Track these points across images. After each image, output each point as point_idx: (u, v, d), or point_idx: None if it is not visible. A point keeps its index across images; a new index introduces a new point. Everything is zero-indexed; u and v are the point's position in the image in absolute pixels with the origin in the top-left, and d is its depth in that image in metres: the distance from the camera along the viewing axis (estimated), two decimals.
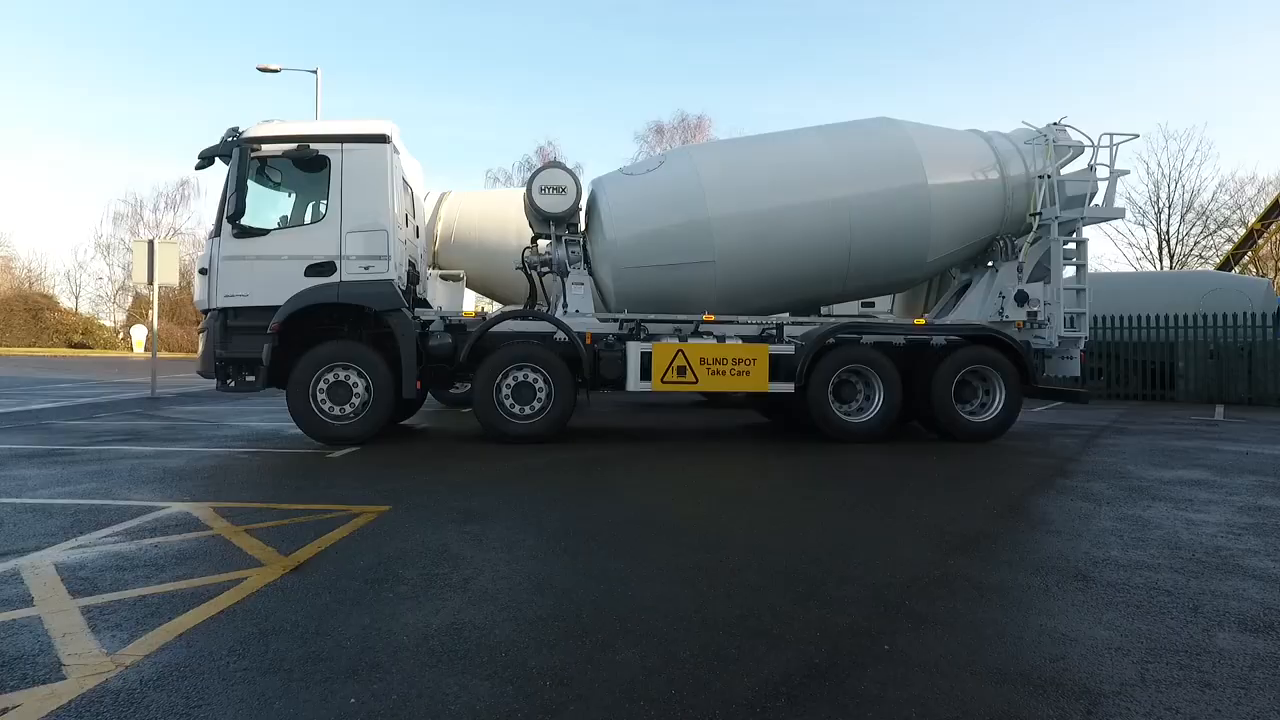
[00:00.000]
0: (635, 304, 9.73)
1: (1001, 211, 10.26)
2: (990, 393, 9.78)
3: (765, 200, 9.60)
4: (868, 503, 5.91)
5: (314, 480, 6.64)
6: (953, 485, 6.69)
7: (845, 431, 9.34)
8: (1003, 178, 10.20)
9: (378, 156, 9.01)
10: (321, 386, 8.80)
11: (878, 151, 9.91)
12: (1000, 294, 10.28)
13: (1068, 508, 5.71)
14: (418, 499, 5.80)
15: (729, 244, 9.47)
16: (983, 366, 9.64)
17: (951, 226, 9.99)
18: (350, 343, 8.95)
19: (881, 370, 9.41)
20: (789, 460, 8.04)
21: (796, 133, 10.35)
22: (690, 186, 9.58)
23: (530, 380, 9.08)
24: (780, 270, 9.74)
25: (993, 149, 10.32)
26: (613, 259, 9.59)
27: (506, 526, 4.95)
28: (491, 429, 9.03)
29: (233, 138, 8.92)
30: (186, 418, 11.87)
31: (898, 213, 9.72)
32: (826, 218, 9.64)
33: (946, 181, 9.88)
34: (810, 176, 9.74)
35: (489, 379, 9.01)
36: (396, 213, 9.11)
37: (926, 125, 10.40)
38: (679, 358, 9.15)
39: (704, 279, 9.59)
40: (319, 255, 8.86)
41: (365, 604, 3.47)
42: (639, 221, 9.58)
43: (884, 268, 10.06)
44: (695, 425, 11.47)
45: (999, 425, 9.64)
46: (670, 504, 5.83)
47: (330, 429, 8.80)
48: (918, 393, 9.66)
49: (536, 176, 9.65)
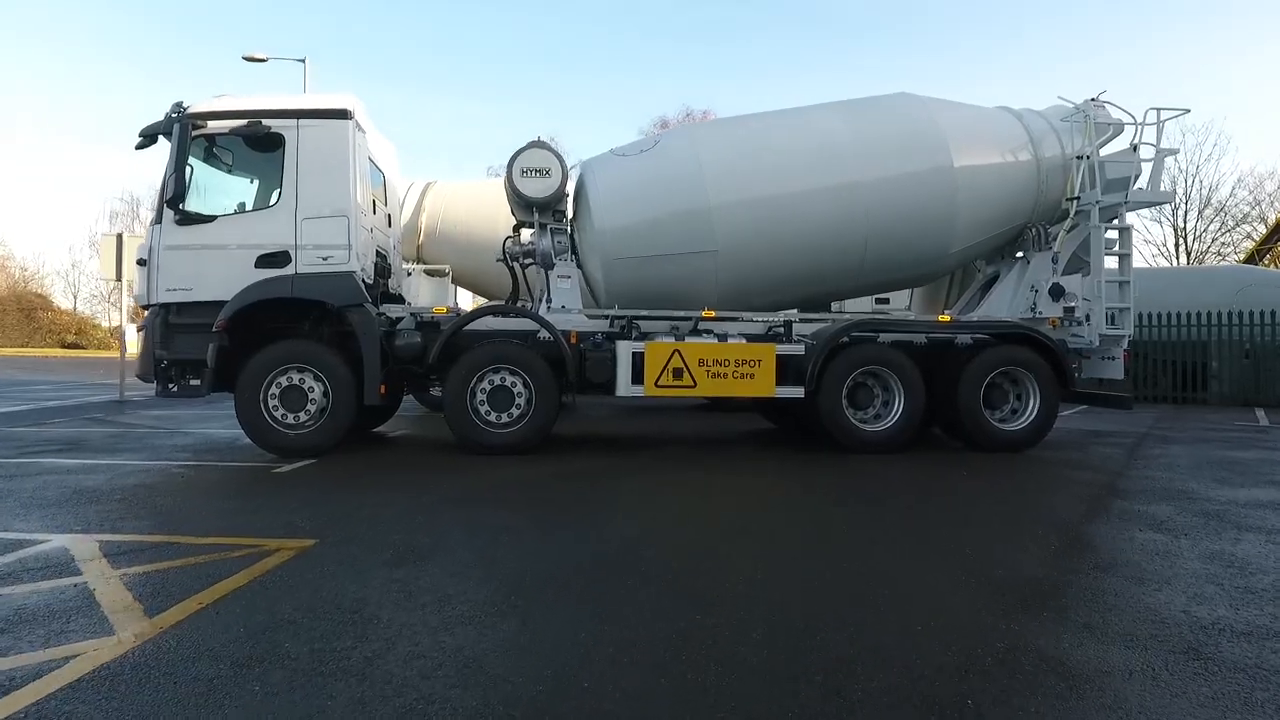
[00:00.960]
0: (627, 299, 8.75)
1: (1034, 197, 9.25)
2: (1023, 397, 8.76)
3: (772, 185, 8.60)
4: (896, 532, 4.92)
5: (244, 503, 5.68)
6: (993, 508, 5.69)
7: (861, 441, 8.35)
8: (1036, 159, 9.19)
9: (338, 134, 8.06)
10: (273, 392, 7.85)
11: (898, 131, 8.91)
12: (1032, 288, 9.28)
13: (1139, 542, 4.71)
14: (355, 529, 4.84)
15: (731, 233, 8.49)
16: (1014, 368, 8.63)
17: (979, 213, 8.98)
18: (306, 342, 8.00)
19: (901, 373, 8.41)
20: (799, 476, 7.05)
21: (807, 110, 9.36)
22: (689, 169, 8.60)
23: (508, 384, 8.11)
24: (788, 262, 8.75)
25: (1025, 127, 9.32)
26: (602, 250, 8.61)
27: (449, 570, 3.98)
28: (465, 438, 8.07)
29: (176, 113, 7.98)
30: (143, 424, 10.94)
31: (920, 198, 8.72)
32: (840, 204, 8.65)
33: (974, 164, 8.88)
34: (823, 159, 8.74)
35: (462, 383, 8.04)
36: (360, 197, 8.16)
37: (951, 101, 9.40)
38: (675, 358, 8.17)
39: (703, 272, 8.60)
40: (271, 244, 7.91)
41: (210, 709, 2.50)
42: (631, 208, 8.60)
43: (904, 260, 9.06)
44: (694, 432, 10.48)
45: (1033, 434, 8.63)
46: (658, 535, 4.85)
47: (284, 439, 7.85)
48: (941, 397, 8.66)
49: (517, 158, 8.67)
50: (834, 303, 10.13)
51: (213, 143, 8.21)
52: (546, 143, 8.80)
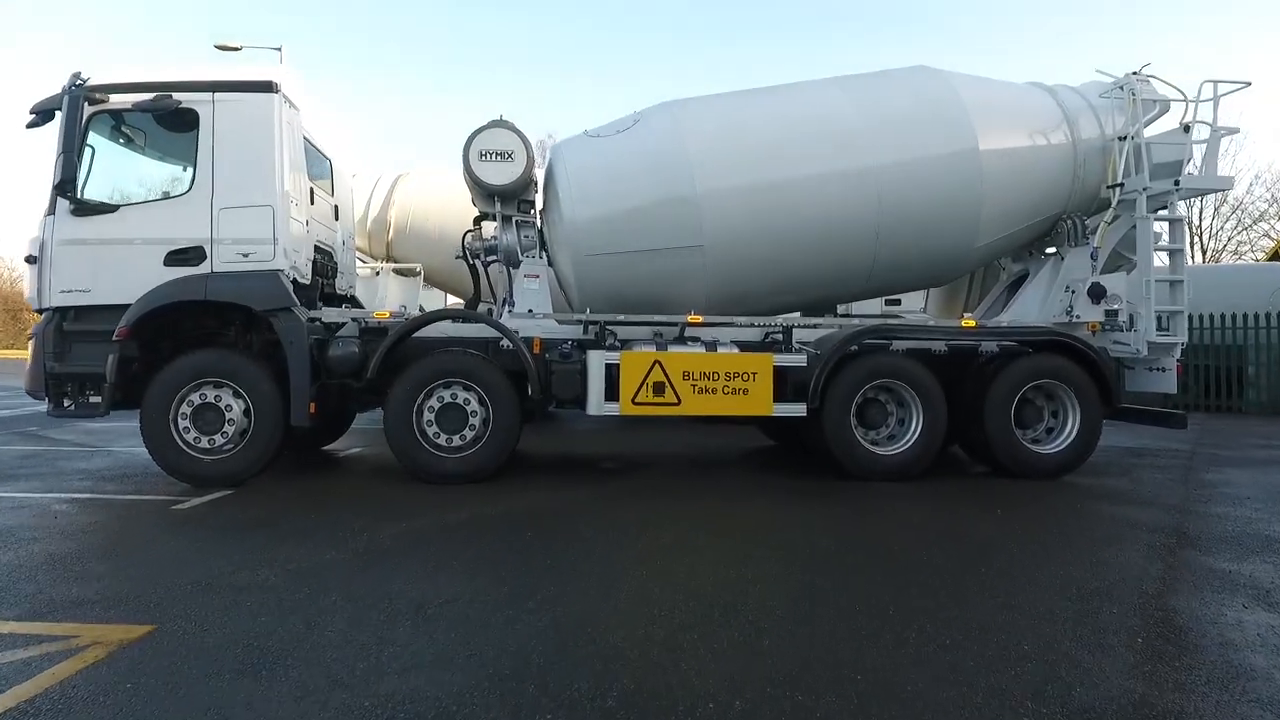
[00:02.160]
0: (603, 302, 7.60)
1: (1070, 183, 8.07)
2: (1060, 415, 7.58)
3: (769, 169, 7.44)
4: (925, 619, 3.74)
5: (100, 561, 4.53)
6: (1044, 572, 4.52)
7: (873, 467, 7.18)
8: (1072, 141, 8.01)
9: (260, 110, 6.91)
10: (184, 411, 6.71)
11: (915, 108, 7.73)
12: (1068, 288, 8.10)
13: (1251, 628, 3.54)
14: (215, 606, 3.69)
15: (721, 225, 7.32)
16: (1050, 382, 7.45)
17: (1008, 203, 7.80)
18: (223, 353, 6.85)
19: (920, 387, 7.24)
20: (800, 519, 5.88)
21: (810, 85, 8.18)
22: (672, 151, 7.43)
23: (461, 401, 6.95)
24: (787, 260, 7.58)
25: (1059, 105, 8.13)
26: (573, 244, 7.45)
27: (302, 688, 2.83)
28: (410, 464, 6.92)
29: (72, 86, 6.84)
30: (70, 440, 9.82)
31: (940, 186, 7.55)
32: (848, 192, 7.48)
33: (1002, 146, 7.69)
34: (828, 140, 7.57)
35: (406, 399, 6.89)
36: (290, 184, 7.01)
37: (975, 76, 8.22)
38: (656, 371, 7.01)
39: (689, 270, 7.44)
40: (183, 238, 6.78)
41: None
42: (606, 196, 7.44)
43: (921, 257, 7.88)
44: (678, 452, 9.31)
45: (1071, 458, 7.44)
46: (612, 623, 3.70)
47: (197, 466, 6.71)
48: (964, 414, 7.49)
49: (475, 139, 7.51)
50: (839, 306, 8.96)
51: (120, 121, 7.09)
52: (509, 122, 7.64)
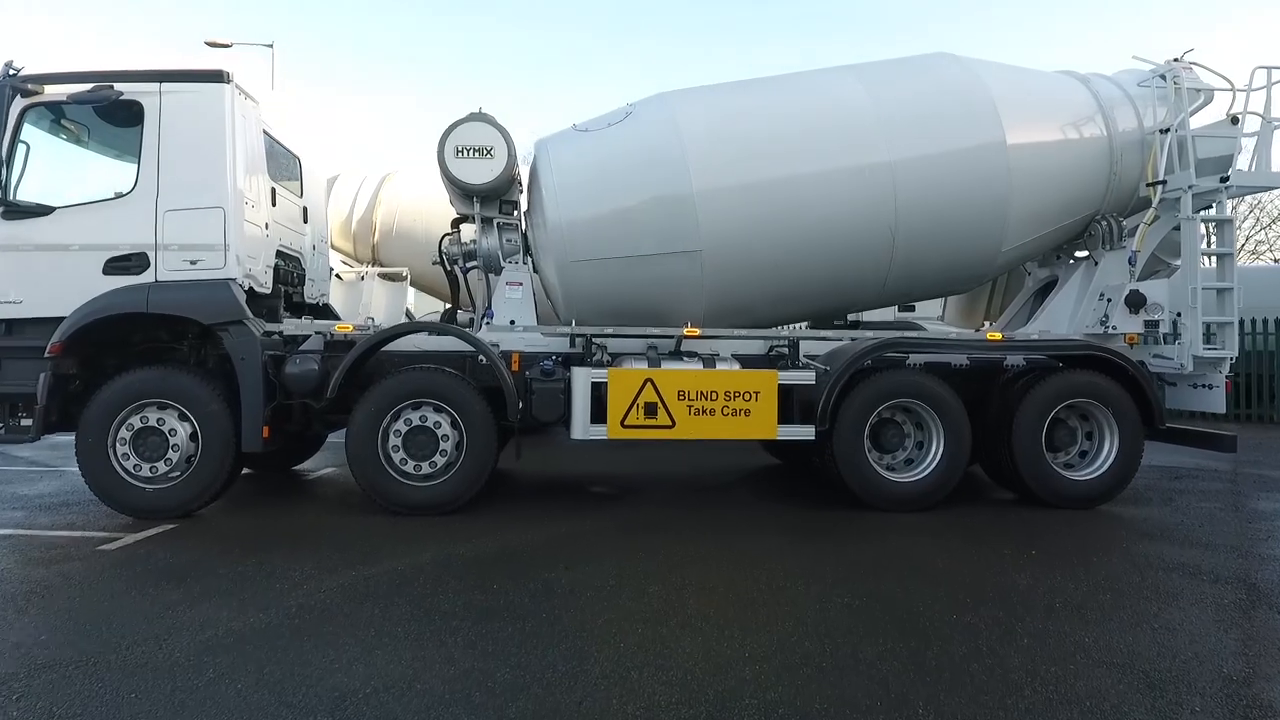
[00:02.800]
0: (591, 312, 6.93)
1: (1106, 180, 7.34)
2: (1095, 437, 6.86)
3: (774, 166, 6.74)
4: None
5: None
6: (1101, 641, 3.81)
7: (888, 496, 6.47)
8: (1108, 134, 7.28)
9: (210, 102, 6.25)
10: (123, 436, 6.06)
11: (936, 98, 7.01)
12: (1102, 296, 7.37)
13: None
14: (69, 705, 3.02)
15: (720, 227, 6.63)
16: (1085, 401, 6.73)
17: (1038, 202, 7.08)
18: (168, 371, 6.18)
19: (940, 407, 6.53)
20: (808, 567, 5.18)
21: (820, 73, 7.47)
22: (667, 147, 6.74)
23: (431, 424, 6.27)
24: (794, 266, 6.87)
25: (1093, 95, 7.40)
26: (558, 248, 6.77)
27: None
28: (375, 493, 6.25)
29: (4, 76, 6.20)
30: (21, 459, 9.21)
31: (963, 183, 6.84)
32: (861, 191, 6.77)
33: (1032, 140, 6.97)
34: (839, 133, 6.87)
35: (370, 422, 6.21)
36: (245, 183, 6.36)
37: (1001, 63, 7.49)
38: (647, 390, 6.32)
39: (686, 277, 6.74)
40: (125, 244, 6.14)
41: None
42: (594, 195, 6.76)
43: (941, 261, 7.16)
44: (674, 473, 8.61)
45: (1109, 486, 6.71)
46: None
47: (139, 497, 6.07)
48: (989, 434, 6.78)
49: (451, 134, 6.84)
50: (849, 314, 8.26)
51: (60, 114, 6.44)
52: (489, 115, 6.96)
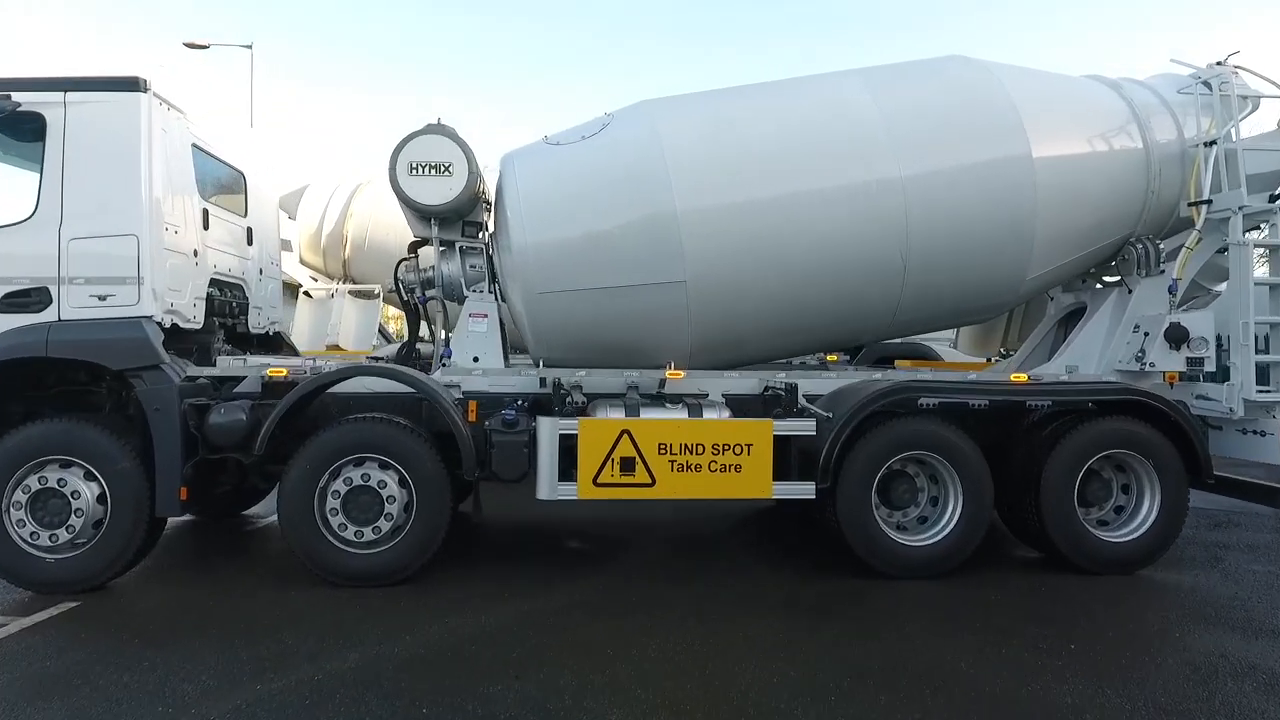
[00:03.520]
0: (562, 348, 6.14)
1: (1143, 199, 6.54)
2: (1133, 491, 6.04)
3: (767, 183, 5.95)
4: None
5: None
6: None
7: (899, 561, 5.67)
8: (1145, 146, 6.48)
9: (125, 115, 5.45)
10: (18, 499, 5.26)
11: (952, 107, 6.21)
12: (1137, 328, 6.53)
13: None
14: None
15: (708, 254, 5.83)
16: (1122, 451, 5.92)
17: (1068, 223, 6.28)
18: (72, 425, 5.36)
19: (958, 459, 5.72)
20: (810, 668, 4.37)
21: (821, 79, 6.67)
22: (647, 162, 5.94)
23: (375, 483, 5.45)
24: (792, 296, 6.07)
25: (1127, 102, 6.60)
26: (524, 277, 5.98)
27: None
28: (311, 562, 5.44)
29: None
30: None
31: (984, 202, 6.04)
32: (869, 210, 5.98)
33: (1060, 153, 6.18)
34: (843, 145, 6.08)
35: (305, 481, 5.41)
36: (166, 206, 5.58)
37: (1022, 67, 6.69)
38: (624, 443, 5.51)
39: (669, 310, 5.93)
40: (23, 276, 5.36)
41: None
42: (565, 218, 5.96)
43: (958, 290, 6.36)
44: (661, 522, 7.75)
45: (1151, 548, 5.89)
46: None
47: (38, 568, 5.27)
48: (1013, 487, 5.98)
49: (404, 148, 6.07)
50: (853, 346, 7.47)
51: None
52: (448, 127, 6.17)
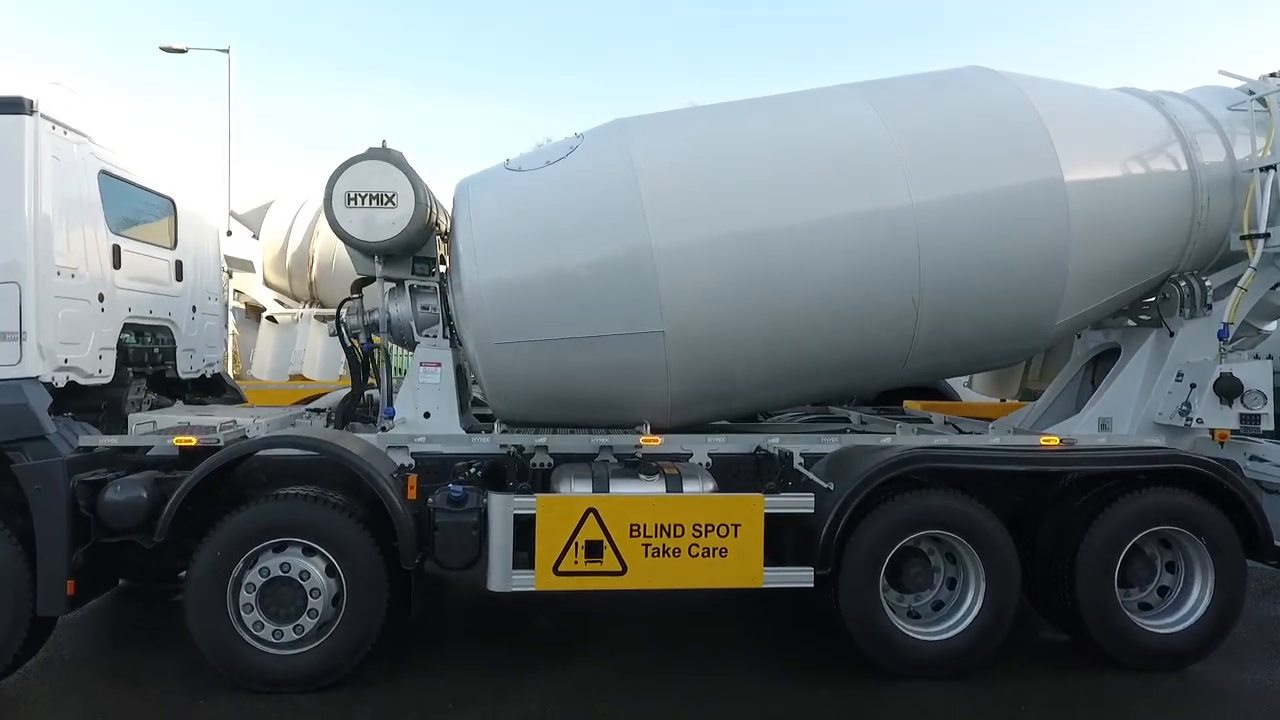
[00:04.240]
0: (525, 403, 5.34)
1: (1189, 229, 5.73)
2: (1180, 570, 5.23)
3: (757, 214, 5.13)
4: None
5: None
6: None
7: (912, 660, 4.86)
8: (1190, 169, 5.67)
9: (7, 141, 4.64)
10: None
11: (970, 124, 5.41)
12: (1180, 376, 5.72)
13: None
14: None
15: (689, 297, 5.01)
16: (1170, 528, 5.11)
17: (1104, 258, 5.46)
18: None
19: (981, 540, 4.90)
20: None
21: (820, 94, 5.85)
22: (618, 191, 5.11)
23: (297, 574, 4.63)
24: (787, 344, 5.25)
25: (1169, 120, 5.79)
26: (479, 323, 5.16)
27: None
28: (224, 665, 4.62)
29: None
30: None
31: (1009, 234, 5.23)
32: (875, 244, 5.16)
33: (1096, 177, 5.37)
34: (845, 169, 5.26)
35: (216, 571, 4.59)
36: (60, 245, 4.77)
37: (1049, 80, 5.88)
38: (590, 524, 4.69)
39: (645, 364, 5.11)
40: None
41: None
42: (525, 254, 5.15)
43: (978, 334, 5.56)
44: (634, 604, 6.38)
45: (1203, 639, 5.06)
46: None
47: None
48: (1041, 564, 5.18)
49: (341, 176, 5.24)
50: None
51: None
52: (393, 152, 5.35)
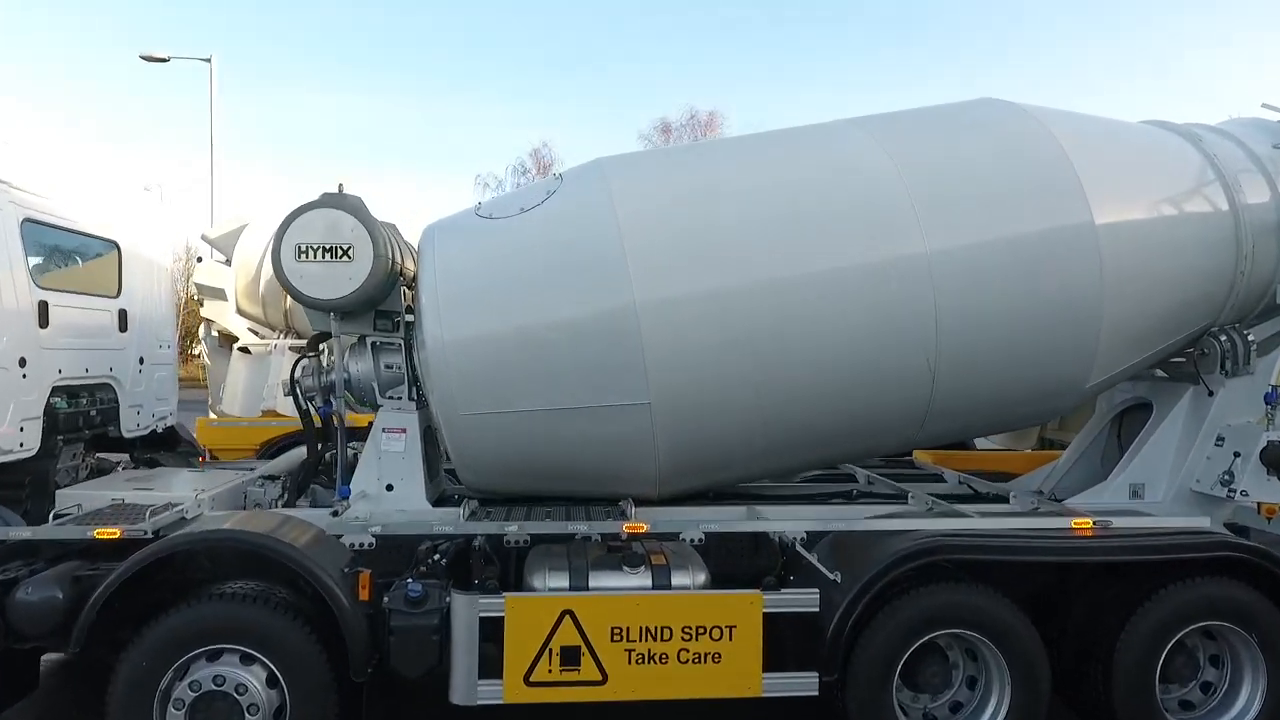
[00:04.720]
0: (496, 477, 4.79)
1: (1231, 279, 5.16)
2: (1226, 666, 4.68)
3: (755, 268, 4.57)
4: None
5: None
6: None
7: None
8: (1234, 211, 5.11)
9: None
10: None
11: (989, 162, 4.85)
12: (1220, 441, 5.16)
13: None
14: None
15: (678, 362, 4.44)
16: (1218, 623, 4.56)
17: (1140, 311, 4.90)
18: None
19: (1006, 641, 4.35)
20: None
21: (820, 130, 5.30)
22: (597, 240, 4.54)
23: (232, 687, 4.07)
24: (785, 412, 4.68)
25: (1207, 157, 5.23)
26: (443, 392, 4.60)
27: None
28: None
29: None
30: None
31: (1036, 285, 4.67)
32: (885, 299, 4.59)
33: (1130, 219, 4.82)
34: (853, 214, 4.70)
35: (139, 685, 4.03)
36: None
37: (1073, 113, 5.32)
38: (565, 628, 4.14)
39: (629, 437, 4.54)
40: None
41: None
42: (494, 315, 4.58)
43: (1000, 398, 5.00)
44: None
45: None
46: None
47: None
48: (1068, 652, 4.65)
49: (291, 225, 4.68)
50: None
51: None
52: (349, 198, 4.79)
